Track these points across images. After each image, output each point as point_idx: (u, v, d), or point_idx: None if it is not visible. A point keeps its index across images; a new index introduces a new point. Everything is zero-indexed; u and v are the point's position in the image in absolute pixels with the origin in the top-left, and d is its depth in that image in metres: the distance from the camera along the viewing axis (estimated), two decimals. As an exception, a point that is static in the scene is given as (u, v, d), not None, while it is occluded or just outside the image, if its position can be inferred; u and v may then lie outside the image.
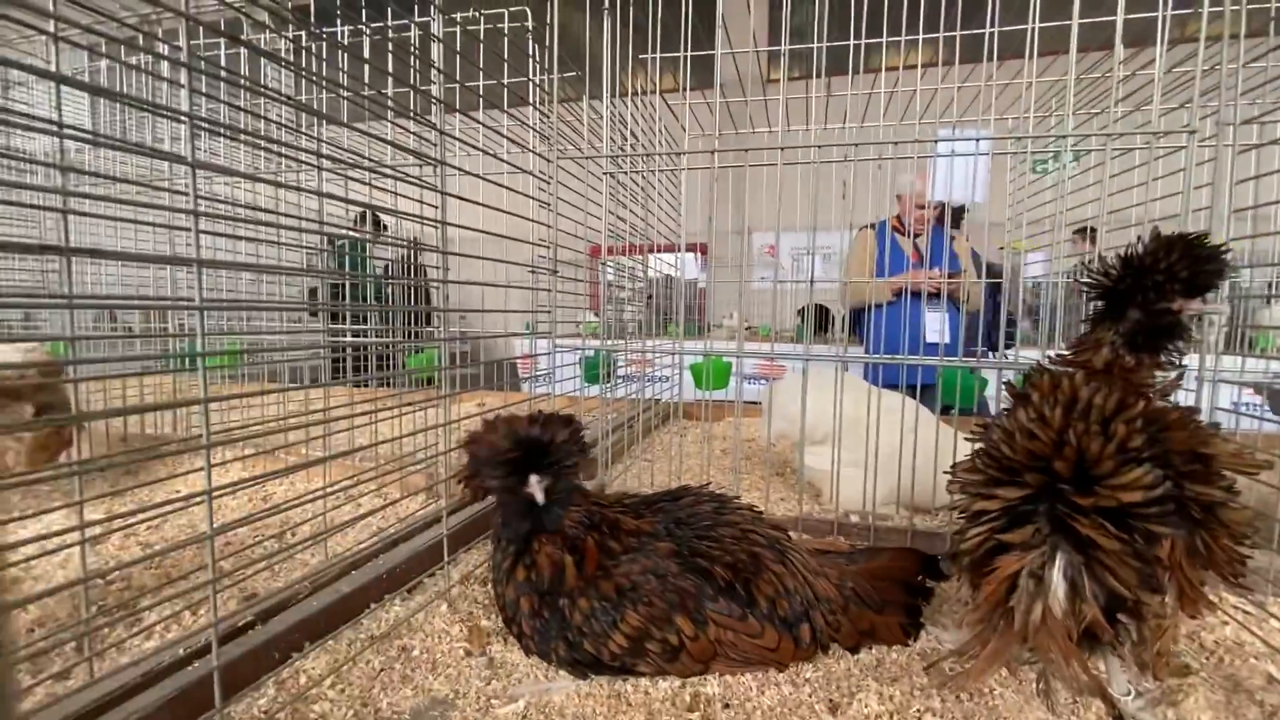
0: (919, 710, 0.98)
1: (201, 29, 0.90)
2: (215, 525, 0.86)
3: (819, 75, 1.93)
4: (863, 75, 1.94)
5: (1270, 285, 2.47)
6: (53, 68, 0.77)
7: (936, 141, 1.57)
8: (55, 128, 0.79)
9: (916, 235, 3.76)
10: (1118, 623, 0.95)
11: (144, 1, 0.83)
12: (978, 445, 1.05)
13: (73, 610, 1.25)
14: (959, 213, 3.75)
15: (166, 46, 1.39)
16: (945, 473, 1.08)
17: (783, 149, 1.56)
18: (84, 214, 1.04)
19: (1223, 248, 1.00)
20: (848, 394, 1.80)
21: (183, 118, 0.80)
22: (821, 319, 7.12)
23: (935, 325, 3.85)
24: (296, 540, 1.55)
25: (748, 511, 1.20)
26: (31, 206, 2.65)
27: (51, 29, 0.81)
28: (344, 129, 2.00)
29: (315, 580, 1.21)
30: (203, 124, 0.92)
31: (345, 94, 1.35)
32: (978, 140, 1.55)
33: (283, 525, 1.69)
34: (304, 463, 1.26)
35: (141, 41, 1.36)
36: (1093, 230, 1.60)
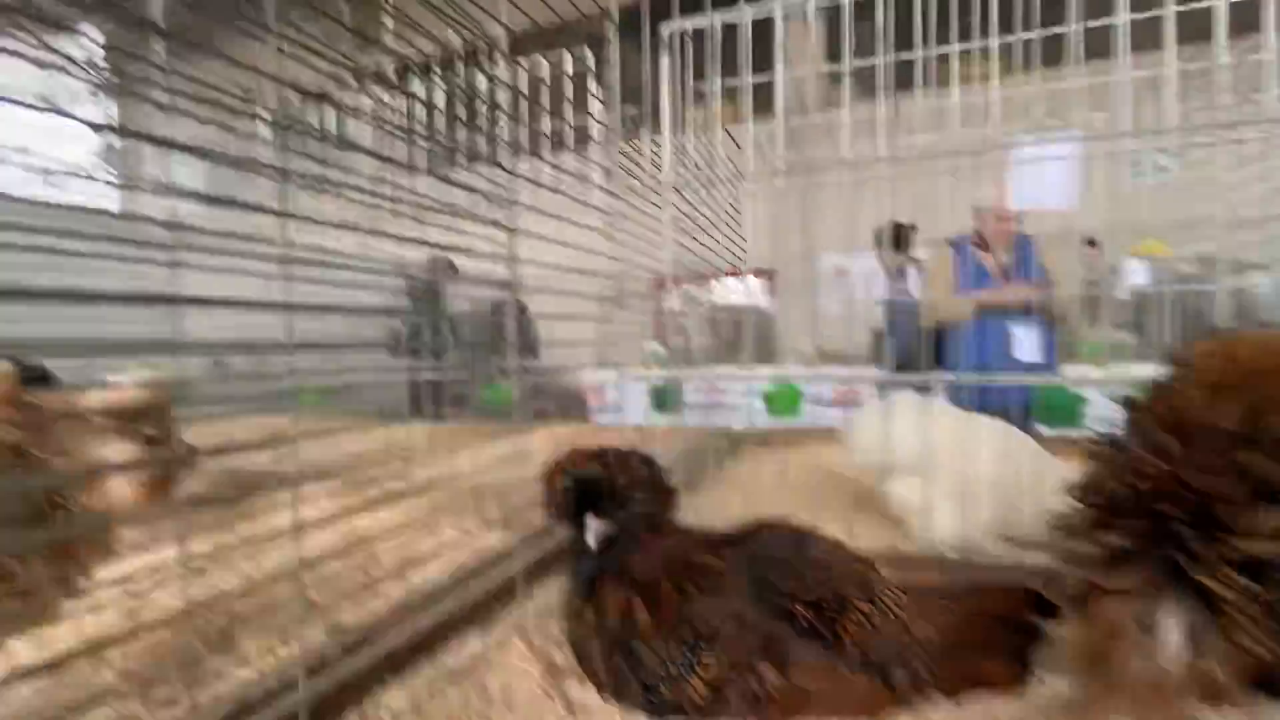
0: (1039, 775, 0.87)
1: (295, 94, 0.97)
2: (304, 558, 0.89)
3: (886, 93, 1.88)
4: (935, 88, 1.87)
5: None
6: (170, 136, 0.85)
7: (1017, 146, 1.47)
8: (166, 189, 0.86)
9: (1000, 249, 3.56)
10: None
11: (248, 72, 0.91)
12: (1082, 476, 0.94)
13: (178, 639, 1.32)
14: (903, 233, 3.51)
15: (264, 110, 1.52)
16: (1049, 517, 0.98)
17: (851, 164, 1.52)
18: (190, 266, 1.13)
19: None
20: (937, 419, 1.70)
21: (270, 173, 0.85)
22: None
23: (1025, 342, 3.61)
24: (379, 573, 1.60)
25: (830, 545, 1.13)
26: (149, 262, 2.97)
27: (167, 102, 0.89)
28: (421, 178, 2.12)
29: (396, 613, 1.23)
30: (294, 177, 0.98)
31: (424, 143, 1.42)
32: (1064, 142, 1.44)
33: (367, 558, 1.74)
34: (385, 496, 1.30)
35: (244, 107, 1.49)
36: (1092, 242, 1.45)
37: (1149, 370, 0.94)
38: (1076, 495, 0.94)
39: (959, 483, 1.62)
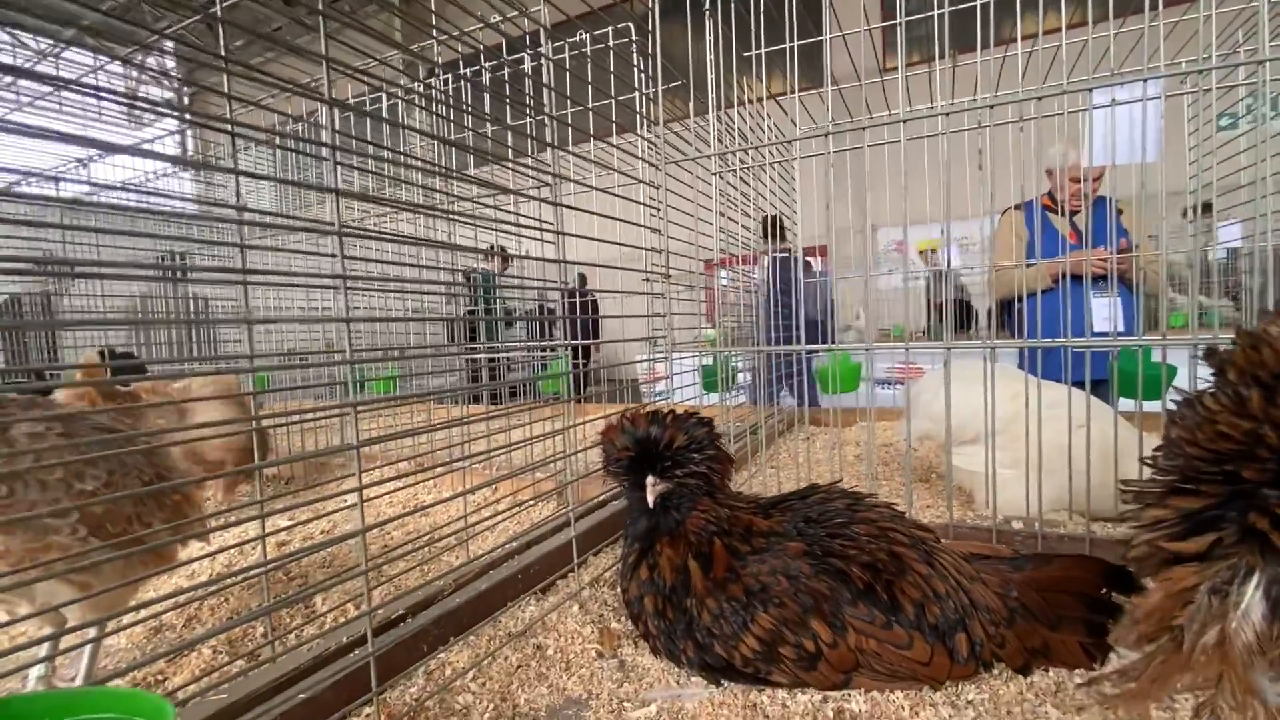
0: (1115, 744, 0.83)
1: (338, 112, 1.01)
2: (369, 526, 0.94)
3: (941, 56, 1.78)
4: (993, 49, 1.76)
5: None
6: (232, 163, 0.90)
7: (1089, 89, 1.37)
8: (236, 211, 0.91)
9: (1074, 213, 3.34)
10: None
11: (294, 93, 0.95)
12: (1162, 438, 0.88)
13: (261, 601, 1.42)
14: (776, 225, 3.29)
15: (320, 130, 1.59)
16: (1121, 483, 0.92)
17: (905, 121, 1.45)
18: (259, 283, 1.19)
19: None
20: (1002, 385, 1.62)
21: (329, 191, 0.89)
22: (963, 316, 6.52)
23: (1104, 312, 3.38)
24: (440, 541, 1.66)
25: (885, 509, 1.10)
26: (219, 282, 3.19)
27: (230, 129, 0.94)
28: (471, 169, 2.16)
29: (458, 579, 1.28)
30: (346, 194, 1.02)
31: (469, 133, 1.45)
32: (1145, 82, 1.32)
33: (431, 528, 1.81)
34: (444, 470, 1.34)
35: (299, 129, 1.56)
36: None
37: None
38: (1152, 460, 0.88)
39: (1025, 452, 1.54)
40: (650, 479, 1.04)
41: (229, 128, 0.87)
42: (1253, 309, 1.74)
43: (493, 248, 3.94)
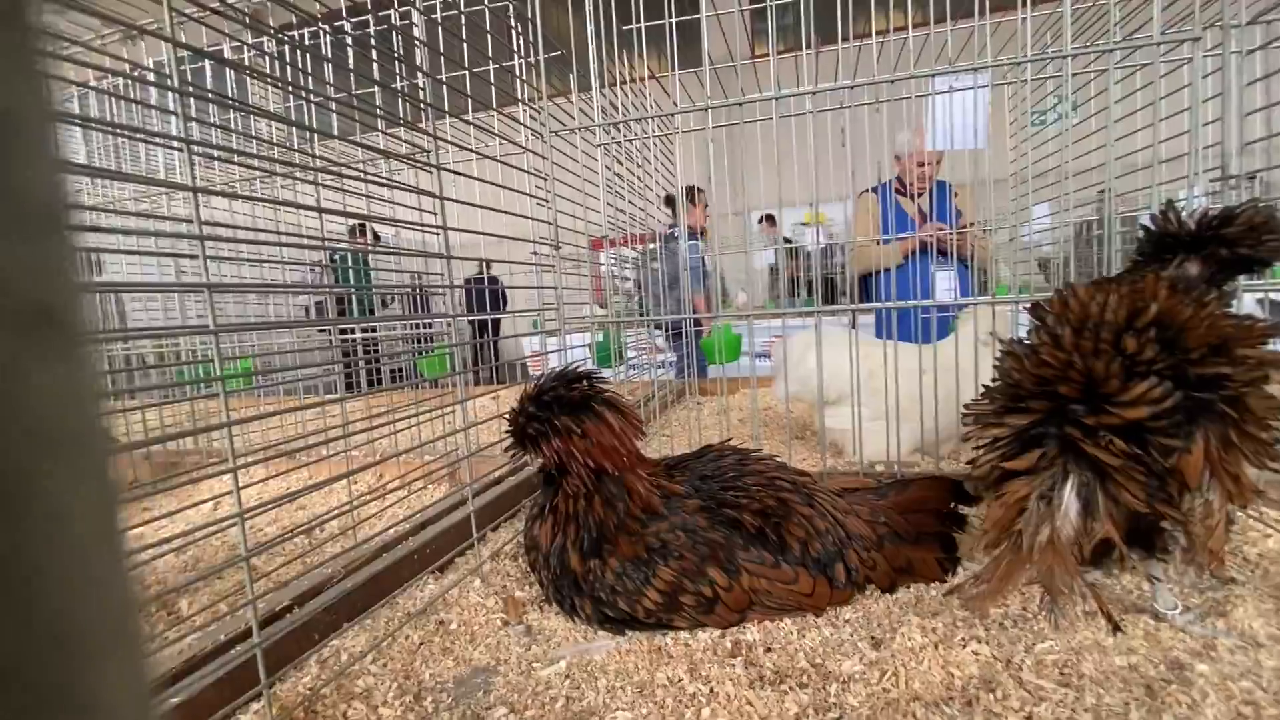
0: (964, 639, 0.97)
1: (187, 53, 0.90)
2: (246, 511, 0.87)
3: (808, 46, 1.90)
4: (852, 41, 1.91)
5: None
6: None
7: (933, 75, 1.53)
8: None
9: (919, 194, 3.69)
10: (1162, 532, 0.94)
11: (124, 30, 0.83)
12: (996, 371, 1.04)
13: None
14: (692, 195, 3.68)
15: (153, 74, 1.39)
16: (964, 407, 1.07)
17: (777, 99, 1.54)
18: (96, 249, 1.05)
19: None
20: (861, 349, 1.79)
21: (176, 144, 0.80)
22: (829, 293, 7.05)
23: (945, 284, 3.80)
24: (324, 530, 1.57)
25: (770, 460, 1.19)
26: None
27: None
28: (337, 142, 2.00)
29: (348, 565, 1.22)
30: (198, 148, 0.91)
31: (334, 100, 1.35)
32: (975, 71, 1.51)
33: (311, 519, 1.70)
34: (322, 458, 1.26)
35: (130, 69, 1.36)
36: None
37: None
38: (987, 388, 1.03)
39: (884, 406, 1.72)
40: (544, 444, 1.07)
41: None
42: (1060, 277, 2.03)
43: (360, 226, 3.67)
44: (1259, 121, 1.27)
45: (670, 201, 3.94)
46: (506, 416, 1.12)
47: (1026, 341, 1.00)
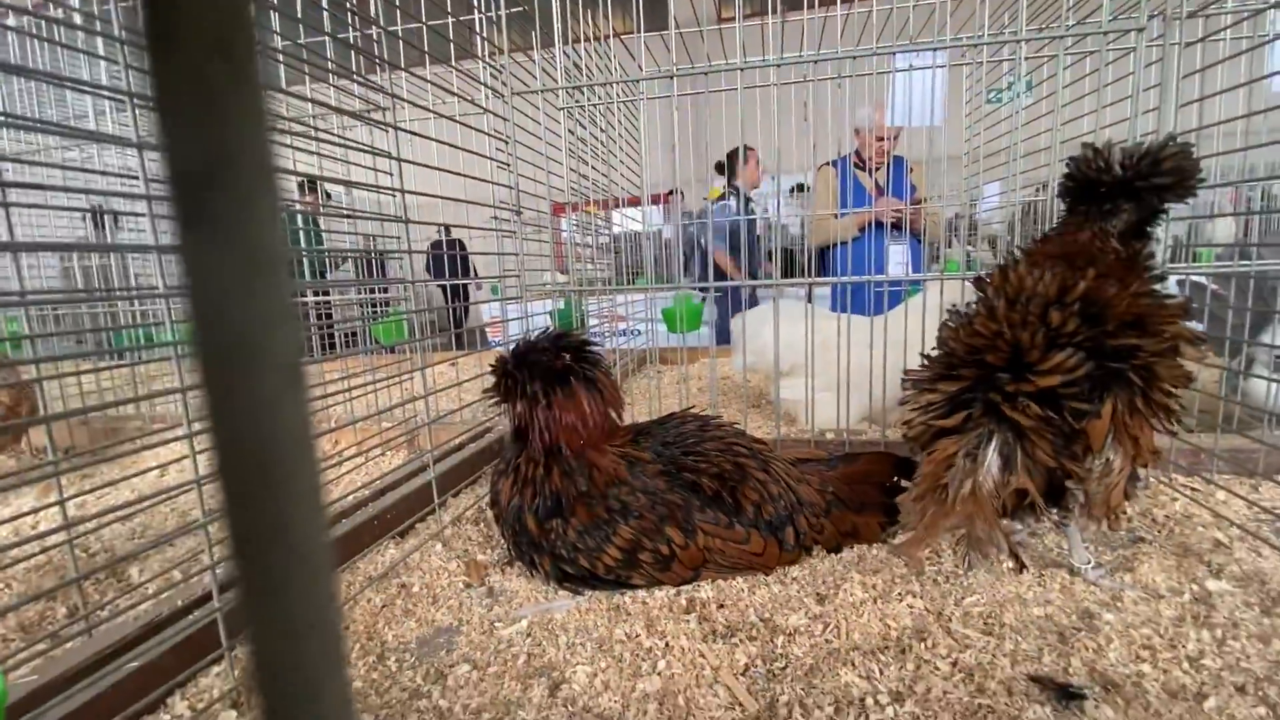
0: (900, 594, 1.04)
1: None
2: (204, 478, 0.86)
3: (773, 11, 1.89)
4: (818, 9, 1.91)
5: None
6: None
7: (893, 52, 1.56)
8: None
9: (876, 169, 3.75)
10: (1066, 491, 1.02)
11: None
12: (936, 340, 1.10)
13: (59, 580, 1.23)
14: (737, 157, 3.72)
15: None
16: (903, 372, 1.13)
17: (742, 69, 1.54)
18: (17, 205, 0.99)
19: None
20: (815, 322, 1.84)
21: (117, 95, 0.75)
22: (788, 263, 7.17)
23: (898, 258, 3.90)
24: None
25: (730, 427, 1.23)
26: None
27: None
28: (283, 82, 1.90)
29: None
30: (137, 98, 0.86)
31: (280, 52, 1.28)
32: (934, 51, 1.54)
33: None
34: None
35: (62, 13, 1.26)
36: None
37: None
38: (926, 356, 1.09)
39: (835, 377, 1.79)
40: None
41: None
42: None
43: (309, 183, 3.49)
44: (1194, 112, 1.34)
45: (722, 168, 3.91)
46: (490, 365, 1.13)
47: (964, 312, 1.06)
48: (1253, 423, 1.67)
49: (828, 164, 3.82)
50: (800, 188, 6.94)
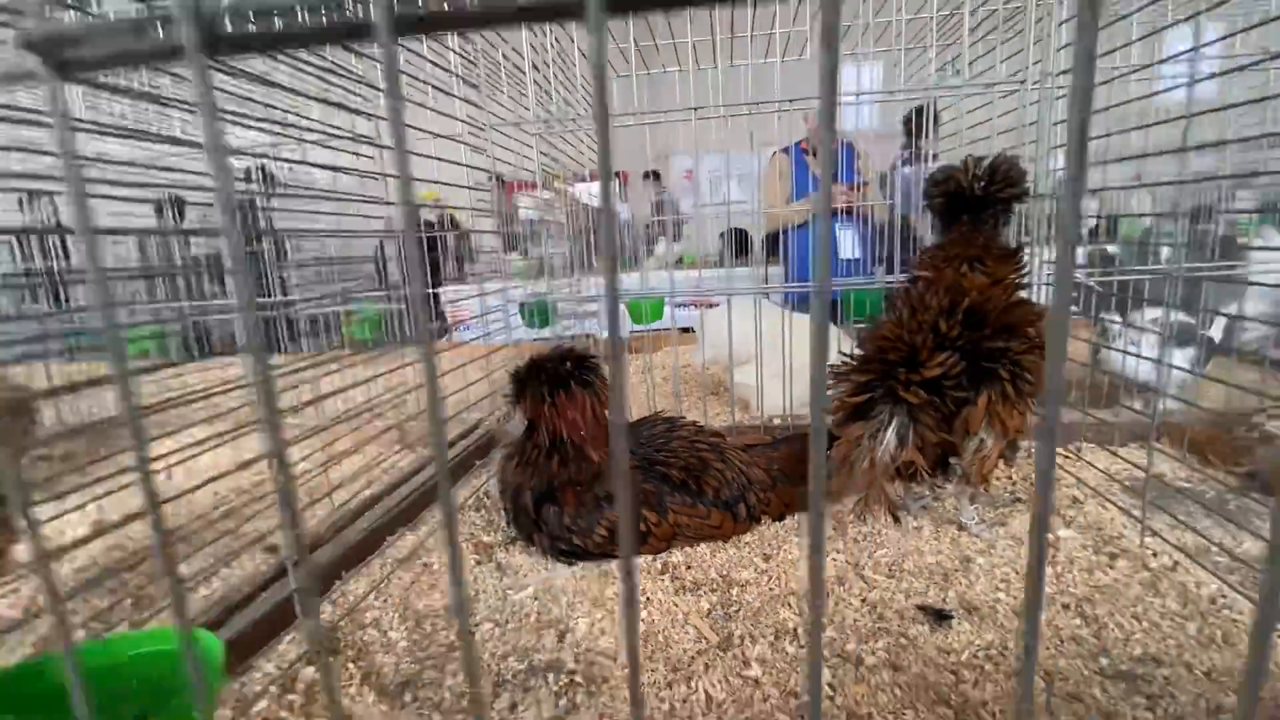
0: (829, 551, 1.33)
1: None
2: (216, 494, 1.06)
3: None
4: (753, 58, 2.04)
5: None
6: None
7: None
8: None
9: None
10: (948, 466, 1.33)
11: None
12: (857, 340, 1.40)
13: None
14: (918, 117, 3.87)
15: None
16: (829, 367, 1.41)
17: (696, 112, 1.77)
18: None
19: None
20: (765, 319, 2.11)
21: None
22: (741, 243, 7.43)
23: (848, 242, 4.22)
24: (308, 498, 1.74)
25: (692, 426, 1.49)
26: None
27: None
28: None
29: (335, 524, 1.43)
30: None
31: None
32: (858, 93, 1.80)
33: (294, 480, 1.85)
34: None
35: None
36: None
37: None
38: (845, 354, 1.37)
39: (782, 368, 2.06)
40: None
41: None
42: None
43: (253, 170, 3.39)
44: (1060, 155, 1.64)
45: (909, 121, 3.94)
46: (509, 374, 1.40)
47: (878, 319, 1.35)
48: (1120, 393, 2.03)
49: (779, 151, 4.07)
50: (655, 175, 6.91)
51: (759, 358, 2.06)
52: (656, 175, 6.76)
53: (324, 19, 0.28)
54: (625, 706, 0.95)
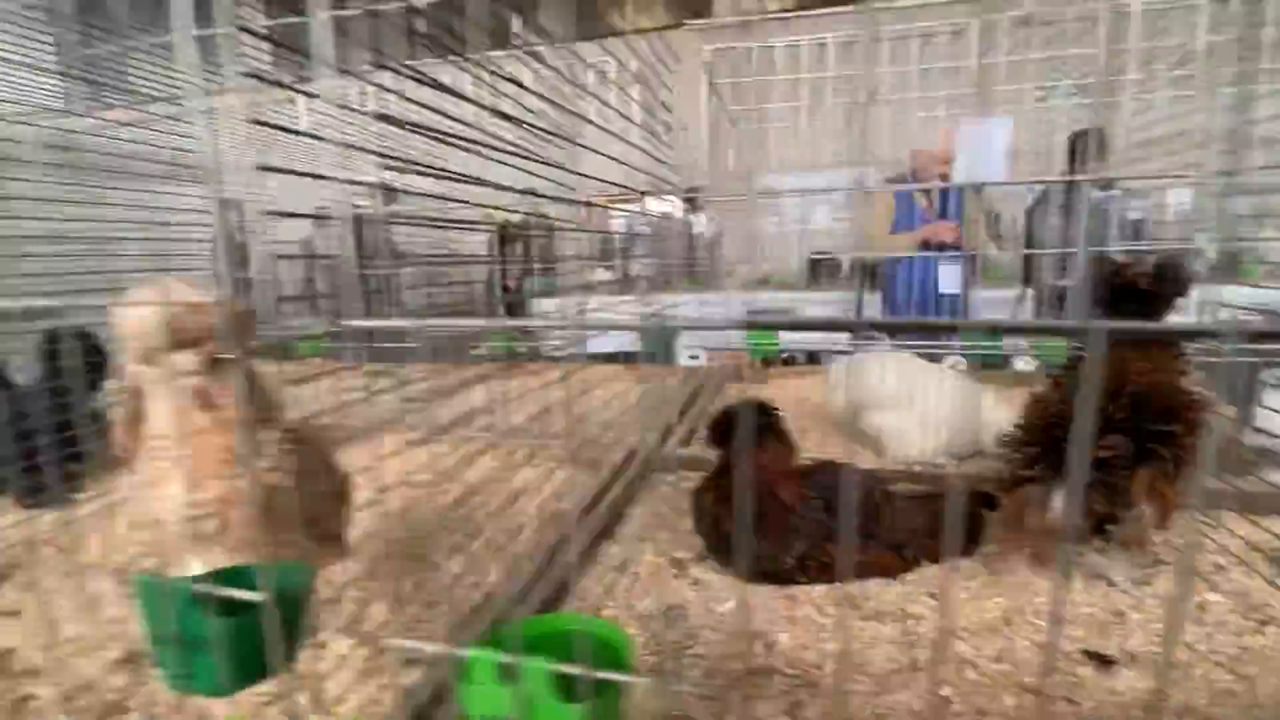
0: (990, 594, 1.53)
1: None
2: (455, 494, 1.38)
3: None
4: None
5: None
6: None
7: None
8: None
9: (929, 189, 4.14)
10: (1109, 529, 1.51)
11: None
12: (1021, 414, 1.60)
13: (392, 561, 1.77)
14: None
15: None
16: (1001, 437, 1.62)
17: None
18: None
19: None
20: (901, 366, 2.31)
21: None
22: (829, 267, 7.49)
23: (949, 277, 4.31)
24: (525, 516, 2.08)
25: (865, 472, 1.73)
26: None
27: None
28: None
29: (560, 536, 1.74)
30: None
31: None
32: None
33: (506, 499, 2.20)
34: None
35: None
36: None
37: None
38: (1015, 424, 1.58)
39: (923, 415, 2.26)
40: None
41: None
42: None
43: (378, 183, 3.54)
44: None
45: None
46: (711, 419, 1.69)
47: (1039, 394, 1.56)
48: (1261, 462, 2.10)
49: (885, 182, 4.24)
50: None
51: (899, 402, 2.26)
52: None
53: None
54: (843, 708, 1.20)
